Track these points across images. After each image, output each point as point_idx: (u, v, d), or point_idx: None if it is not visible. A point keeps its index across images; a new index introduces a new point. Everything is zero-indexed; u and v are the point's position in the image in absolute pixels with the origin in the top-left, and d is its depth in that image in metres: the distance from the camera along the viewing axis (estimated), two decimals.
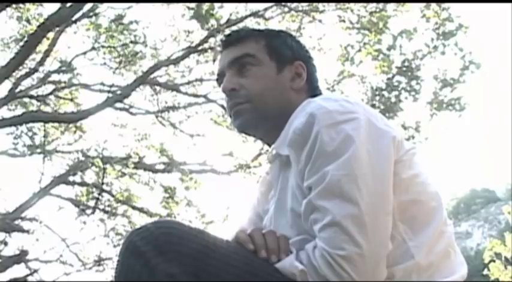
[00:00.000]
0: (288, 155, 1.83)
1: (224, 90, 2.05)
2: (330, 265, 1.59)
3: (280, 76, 2.04)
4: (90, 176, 14.93)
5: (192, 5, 12.37)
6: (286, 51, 2.08)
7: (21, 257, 11.58)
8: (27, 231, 11.91)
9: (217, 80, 2.14)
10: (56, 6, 10.37)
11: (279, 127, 1.95)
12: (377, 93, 12.64)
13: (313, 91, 2.04)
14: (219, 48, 2.17)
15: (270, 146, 2.03)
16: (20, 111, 13.07)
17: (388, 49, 12.49)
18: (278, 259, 1.71)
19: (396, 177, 1.72)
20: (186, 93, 14.30)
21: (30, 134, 14.17)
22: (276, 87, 2.02)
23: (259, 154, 13.84)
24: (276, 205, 1.93)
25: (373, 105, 12.12)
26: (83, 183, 15.04)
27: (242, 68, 2.05)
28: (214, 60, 2.15)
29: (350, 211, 1.62)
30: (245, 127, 2.05)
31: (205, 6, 12.20)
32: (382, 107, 12.42)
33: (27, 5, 12.43)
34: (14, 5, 11.12)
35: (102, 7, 12.78)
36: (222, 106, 13.31)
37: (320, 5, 12.68)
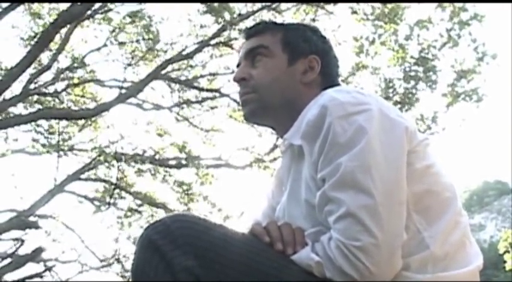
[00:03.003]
0: (301, 145, 1.84)
1: (234, 79, 2.10)
2: (346, 256, 1.60)
3: (290, 69, 2.05)
4: (105, 172, 14.99)
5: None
6: (301, 44, 2.08)
7: (36, 254, 11.61)
8: (42, 228, 11.95)
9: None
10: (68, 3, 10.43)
11: (288, 118, 1.99)
12: (392, 84, 12.60)
13: (328, 85, 2.02)
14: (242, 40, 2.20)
15: (282, 137, 2.04)
16: (34, 108, 13.10)
17: (406, 39, 12.44)
18: (294, 251, 1.72)
19: (410, 167, 1.72)
20: (199, 88, 14.29)
21: (46, 131, 14.20)
22: (284, 79, 2.04)
23: (274, 148, 13.83)
24: (289, 196, 1.94)
25: (388, 97, 12.09)
26: (98, 180, 15.08)
27: (254, 58, 2.09)
28: (239, 52, 2.19)
29: (364, 202, 1.62)
30: (250, 116, 2.09)
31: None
32: (398, 98, 12.38)
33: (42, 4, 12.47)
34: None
35: (116, 3, 12.80)
36: (235, 100, 13.32)
37: None
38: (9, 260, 12.09)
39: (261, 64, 2.07)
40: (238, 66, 2.15)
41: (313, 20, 12.75)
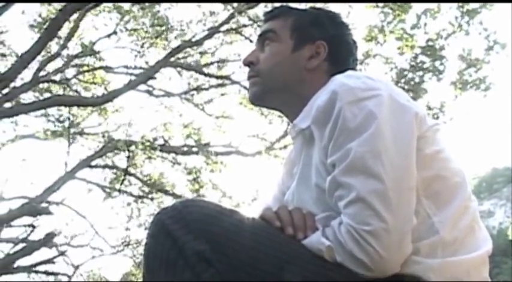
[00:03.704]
0: (309, 127, 1.85)
1: (243, 62, 2.14)
2: (356, 240, 1.61)
3: (295, 54, 2.06)
4: (116, 159, 15.01)
5: None
6: (311, 30, 2.09)
7: (48, 239, 11.66)
8: (53, 214, 11.99)
9: None
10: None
11: (295, 104, 2.01)
12: (401, 73, 12.55)
13: (337, 71, 1.98)
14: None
15: (292, 123, 2.05)
16: (45, 95, 13.12)
17: (412, 28, 12.38)
18: (305, 236, 1.73)
19: (419, 152, 1.73)
20: (209, 75, 14.27)
21: (57, 117, 14.23)
22: (286, 64, 2.06)
23: (284, 135, 13.82)
24: (299, 180, 1.95)
25: (396, 84, 12.04)
26: (108, 166, 15.11)
27: (264, 42, 2.12)
28: None
29: (374, 187, 1.63)
30: (253, 99, 2.13)
31: None
32: (406, 87, 12.33)
33: None
34: None
35: None
36: (245, 87, 13.30)
37: None
38: (21, 245, 12.17)
39: (267, 49, 2.10)
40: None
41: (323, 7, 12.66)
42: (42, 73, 12.18)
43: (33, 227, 12.13)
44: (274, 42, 2.09)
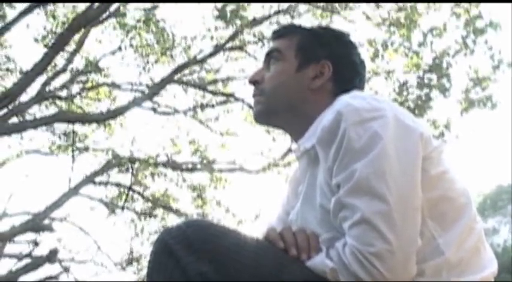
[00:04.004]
0: (314, 147, 1.85)
1: (248, 81, 2.15)
2: (360, 262, 1.60)
3: (299, 74, 2.06)
4: (119, 175, 15.01)
5: (219, 5, 12.37)
6: (316, 49, 2.08)
7: (50, 256, 11.67)
8: (56, 231, 12.01)
9: None
10: (83, 6, 10.47)
11: (299, 123, 2.02)
12: (407, 91, 12.56)
13: (341, 91, 1.98)
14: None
15: (296, 142, 2.05)
16: (50, 111, 13.15)
17: (419, 46, 12.40)
18: (308, 257, 1.73)
19: (425, 173, 1.72)
20: (214, 92, 14.29)
21: (62, 133, 14.25)
22: (290, 84, 2.05)
23: (288, 152, 13.80)
24: (303, 200, 1.95)
25: (402, 103, 12.05)
26: (112, 183, 15.10)
27: (269, 61, 2.12)
28: None
29: (379, 208, 1.62)
30: (257, 118, 2.14)
31: (231, 6, 12.20)
32: (412, 104, 12.34)
33: (56, 4, 12.50)
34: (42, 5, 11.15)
35: (130, 6, 12.83)
36: (249, 105, 13.32)
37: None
38: (24, 261, 12.17)
39: (272, 68, 2.10)
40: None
41: (328, 25, 12.71)
42: (47, 88, 12.22)
43: (36, 243, 12.14)
44: (279, 61, 2.09)
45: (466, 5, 11.88)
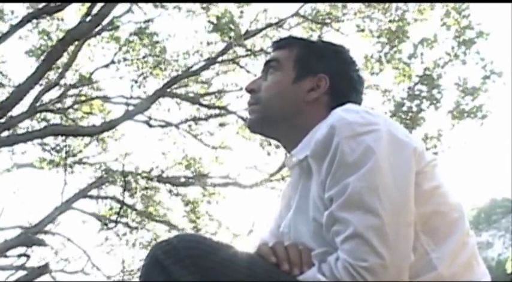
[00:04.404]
0: (306, 158, 1.86)
1: (245, 89, 2.16)
2: (353, 276, 1.59)
3: (295, 85, 2.06)
4: (112, 189, 14.99)
5: (213, 18, 12.39)
6: (314, 62, 2.09)
7: (42, 271, 11.65)
8: (48, 245, 11.99)
9: None
10: (76, 19, 10.48)
11: (292, 134, 2.02)
12: (398, 102, 12.58)
13: (337, 105, 1.96)
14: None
15: (290, 153, 2.05)
16: (42, 124, 13.14)
17: (409, 58, 12.44)
18: (300, 272, 1.72)
19: (418, 188, 1.72)
20: (206, 106, 14.29)
21: (54, 146, 14.23)
22: (285, 95, 2.05)
23: (282, 167, 13.81)
24: (295, 212, 1.95)
25: (394, 115, 12.08)
26: (105, 197, 15.09)
27: (267, 71, 2.12)
28: None
29: (372, 222, 1.62)
30: (251, 126, 2.14)
31: (225, 19, 12.22)
32: (403, 116, 12.37)
33: (49, 19, 12.50)
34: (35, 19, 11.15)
35: (123, 19, 12.85)
36: (242, 118, 13.32)
37: (340, 13, 12.69)
38: (16, 276, 12.14)
39: (270, 77, 2.10)
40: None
41: (319, 37, 12.75)
42: (39, 102, 12.20)
43: (28, 256, 12.11)
44: (277, 71, 2.09)
45: (456, 15, 11.92)
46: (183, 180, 14.98)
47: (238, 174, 15.07)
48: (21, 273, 12.31)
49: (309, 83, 2.06)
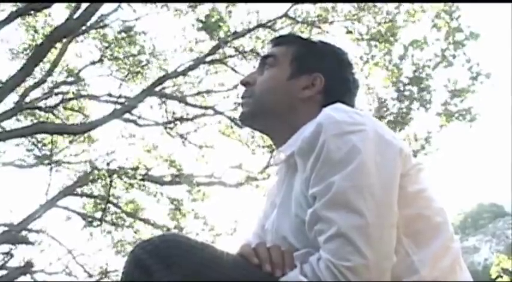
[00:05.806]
0: (293, 155, 1.86)
1: (240, 82, 2.18)
2: (335, 276, 1.58)
3: (290, 82, 2.07)
4: (97, 187, 14.96)
5: (202, 16, 12.38)
6: (311, 61, 2.10)
7: (26, 268, 11.61)
8: (33, 243, 11.95)
9: None
10: (63, 16, 10.44)
11: (283, 130, 2.03)
12: (386, 104, 12.60)
13: (329, 103, 1.97)
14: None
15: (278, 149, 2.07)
16: (27, 122, 13.09)
17: (400, 59, 12.45)
18: (282, 273, 1.71)
19: (402, 190, 1.71)
20: (193, 105, 14.28)
21: (38, 144, 14.18)
22: (280, 91, 2.07)
23: (267, 166, 13.81)
24: (279, 209, 1.95)
25: (382, 117, 12.10)
26: (90, 195, 15.06)
27: (264, 66, 2.13)
28: None
29: (356, 222, 1.61)
30: (242, 119, 2.16)
31: (214, 18, 12.21)
32: (392, 117, 12.39)
33: (37, 14, 12.46)
34: (22, 16, 11.12)
35: (111, 17, 12.83)
36: (230, 118, 13.33)
37: (329, 16, 12.71)
38: None
39: (266, 72, 2.12)
40: None
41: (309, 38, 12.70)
42: (26, 99, 12.16)
43: (11, 255, 12.07)
44: (273, 67, 2.11)
45: (447, 17, 11.94)
46: (167, 179, 14.96)
47: (223, 174, 15.07)
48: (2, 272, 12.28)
49: (304, 81, 2.07)
